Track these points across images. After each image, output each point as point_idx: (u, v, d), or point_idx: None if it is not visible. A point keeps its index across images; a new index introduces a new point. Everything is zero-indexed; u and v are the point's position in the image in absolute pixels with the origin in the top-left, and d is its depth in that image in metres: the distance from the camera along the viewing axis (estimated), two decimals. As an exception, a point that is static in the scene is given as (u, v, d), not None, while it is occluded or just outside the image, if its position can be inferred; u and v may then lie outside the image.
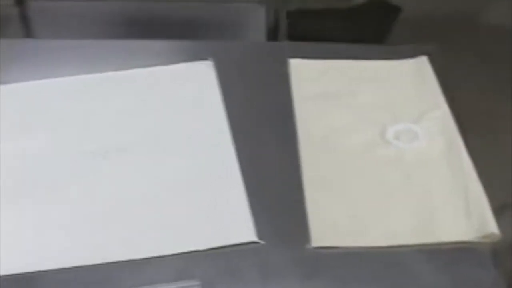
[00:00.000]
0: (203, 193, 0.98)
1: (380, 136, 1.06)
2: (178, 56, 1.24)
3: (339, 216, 0.95)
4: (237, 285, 0.88)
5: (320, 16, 2.31)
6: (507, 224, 0.96)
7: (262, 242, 0.91)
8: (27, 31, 2.48)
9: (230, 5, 2.16)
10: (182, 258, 0.90)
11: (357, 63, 1.20)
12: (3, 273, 0.88)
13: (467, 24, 2.39)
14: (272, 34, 2.23)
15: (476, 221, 0.94)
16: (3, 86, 1.17)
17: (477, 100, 1.66)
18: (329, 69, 1.19)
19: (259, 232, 0.92)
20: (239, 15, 1.98)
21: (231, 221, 0.94)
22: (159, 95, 1.16)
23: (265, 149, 1.05)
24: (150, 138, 1.07)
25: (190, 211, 0.96)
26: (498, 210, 0.96)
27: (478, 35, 2.27)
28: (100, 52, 1.27)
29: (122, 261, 0.90)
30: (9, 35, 2.35)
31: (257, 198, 0.97)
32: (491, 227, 0.93)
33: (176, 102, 1.14)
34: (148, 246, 0.92)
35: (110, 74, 1.20)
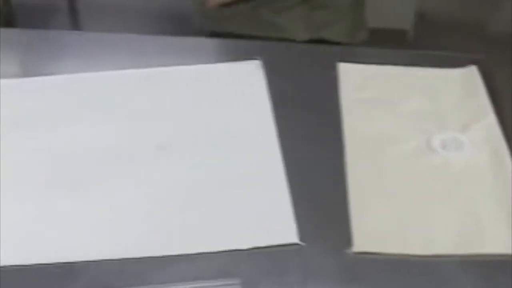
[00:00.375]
0: (247, 192, 0.99)
1: (426, 144, 1.06)
2: (227, 55, 1.25)
3: (381, 223, 0.95)
4: (277, 286, 0.88)
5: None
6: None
7: (303, 244, 0.91)
8: (75, 23, 2.52)
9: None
10: (223, 256, 0.91)
11: (406, 70, 1.20)
12: (46, 261, 0.90)
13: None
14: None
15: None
16: (50, 77, 1.20)
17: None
18: (378, 75, 1.19)
19: (301, 234, 0.92)
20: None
21: (274, 221, 0.95)
22: (207, 92, 1.16)
23: (311, 152, 1.05)
24: (195, 135, 1.08)
25: (234, 209, 0.97)
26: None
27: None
28: (147, 47, 1.28)
29: (164, 256, 0.90)
30: (57, 26, 2.39)
31: (300, 200, 0.97)
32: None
33: (223, 100, 1.15)
34: (190, 242, 0.92)
35: (158, 69, 1.21)
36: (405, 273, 0.90)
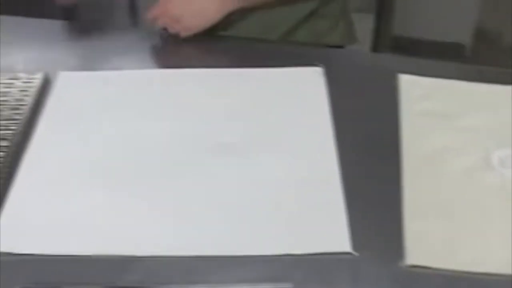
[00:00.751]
0: (302, 198, 0.99)
1: (484, 161, 1.05)
2: (289, 59, 1.25)
3: (436, 237, 0.94)
4: (328, 293, 0.88)
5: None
6: None
7: (356, 254, 0.91)
8: (135, 20, 2.54)
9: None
10: (275, 260, 0.91)
11: (467, 85, 1.19)
12: (102, 252, 0.91)
13: None
14: (376, 45, 2.23)
15: None
16: (115, 71, 1.23)
17: None
18: (439, 88, 1.18)
19: (354, 243, 0.92)
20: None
21: (327, 229, 0.94)
22: (267, 96, 1.17)
23: (368, 161, 1.05)
24: (255, 137, 1.09)
25: (287, 214, 0.97)
26: None
27: None
28: (210, 47, 1.29)
29: (217, 256, 0.91)
30: (117, 23, 2.42)
31: (355, 209, 0.97)
32: None
33: (283, 104, 1.15)
34: (244, 244, 0.93)
35: (220, 70, 1.22)
36: (456, 288, 0.89)
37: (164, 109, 1.15)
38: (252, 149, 1.07)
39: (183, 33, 1.29)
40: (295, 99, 1.16)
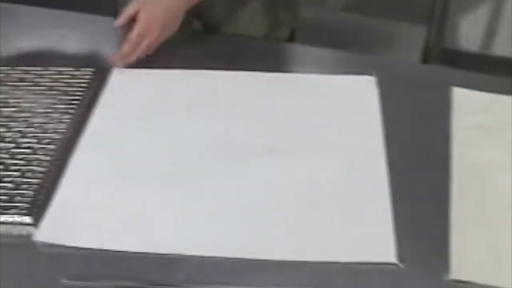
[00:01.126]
0: (349, 205, 0.99)
1: (534, 178, 1.04)
2: (342, 67, 1.26)
3: (481, 253, 0.93)
4: (369, 304, 0.88)
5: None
6: None
7: (400, 265, 0.91)
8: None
9: (391, 22, 2.16)
10: (317, 266, 0.91)
11: (520, 101, 1.18)
12: (149, 250, 0.92)
13: None
14: (426, 56, 2.22)
15: None
16: (169, 70, 1.24)
17: None
18: (492, 103, 1.16)
19: (399, 254, 0.92)
20: (399, 32, 1.97)
21: (373, 238, 0.94)
22: (318, 102, 1.17)
23: (417, 173, 1.04)
24: (303, 143, 1.09)
25: (333, 221, 0.97)
26: None
27: None
28: (263, 52, 1.29)
29: (259, 260, 0.91)
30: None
31: (401, 220, 0.96)
32: None
33: (334, 111, 1.15)
34: (286, 249, 0.93)
35: (273, 75, 1.23)
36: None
37: (212, 110, 1.16)
38: (301, 154, 1.07)
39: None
40: (347, 106, 1.16)
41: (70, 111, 1.14)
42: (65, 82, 1.20)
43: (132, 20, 1.23)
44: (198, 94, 1.20)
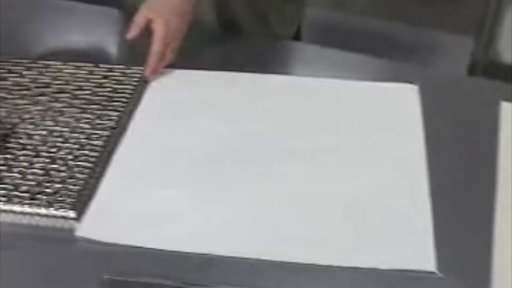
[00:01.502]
0: (389, 212, 0.99)
1: None
2: (384, 74, 1.25)
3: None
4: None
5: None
6: None
7: (440, 274, 0.90)
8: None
9: (438, 32, 2.14)
10: (353, 272, 0.91)
11: None
12: (185, 249, 0.94)
13: None
14: (472, 68, 2.20)
15: None
16: (205, 72, 1.26)
17: None
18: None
19: (438, 263, 0.91)
20: (444, 43, 1.96)
21: (412, 246, 0.94)
22: (359, 109, 1.17)
23: (460, 185, 1.03)
24: (344, 149, 1.09)
25: (372, 227, 0.97)
26: None
27: None
28: (299, 56, 1.30)
29: (293, 263, 0.92)
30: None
31: (442, 229, 0.96)
32: None
33: (375, 119, 1.15)
34: (323, 253, 0.93)
35: (312, 79, 1.24)
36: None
37: (249, 112, 1.17)
38: (341, 160, 1.07)
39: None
40: (388, 114, 1.16)
41: (119, 108, 1.16)
42: (115, 80, 1.22)
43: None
44: (232, 95, 1.21)
